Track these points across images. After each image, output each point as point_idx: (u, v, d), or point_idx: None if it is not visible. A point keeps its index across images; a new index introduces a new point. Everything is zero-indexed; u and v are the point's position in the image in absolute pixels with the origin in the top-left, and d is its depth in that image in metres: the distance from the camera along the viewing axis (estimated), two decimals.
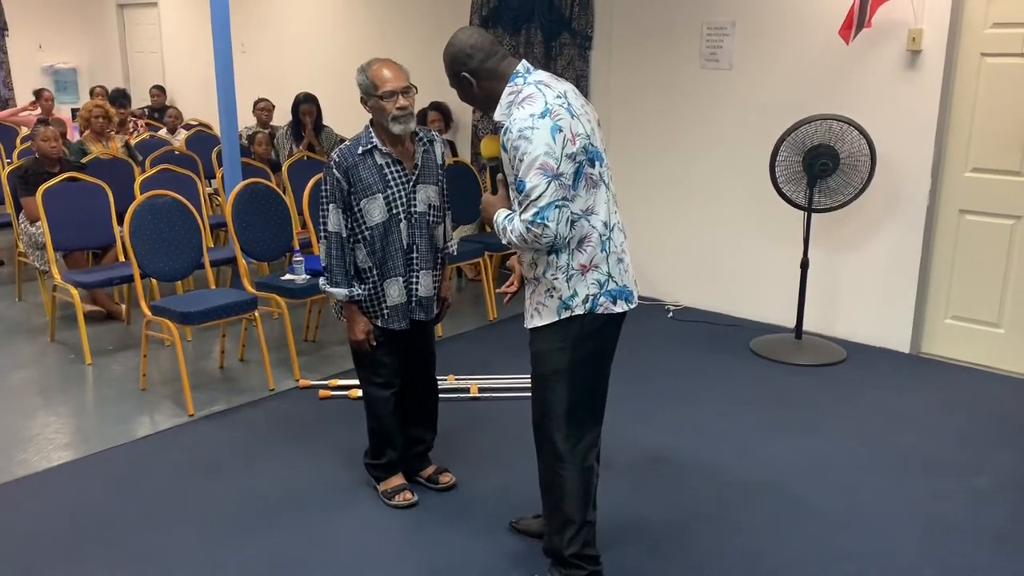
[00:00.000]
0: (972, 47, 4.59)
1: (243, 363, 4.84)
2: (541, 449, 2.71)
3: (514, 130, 2.44)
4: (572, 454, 2.63)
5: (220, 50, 5.54)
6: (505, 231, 2.52)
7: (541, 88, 2.49)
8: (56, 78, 10.73)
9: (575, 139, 2.44)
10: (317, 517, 3.24)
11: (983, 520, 3.24)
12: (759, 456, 3.74)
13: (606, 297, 2.56)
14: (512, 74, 2.55)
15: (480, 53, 2.56)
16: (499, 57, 2.58)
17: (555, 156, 2.40)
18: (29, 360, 4.89)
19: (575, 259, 2.52)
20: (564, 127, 2.43)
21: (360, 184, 3.08)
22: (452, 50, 2.61)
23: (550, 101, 2.45)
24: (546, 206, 2.39)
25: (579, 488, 2.64)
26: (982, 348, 4.78)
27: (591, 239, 2.51)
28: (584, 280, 2.53)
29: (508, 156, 2.48)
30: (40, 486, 3.50)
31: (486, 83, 2.58)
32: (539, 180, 2.39)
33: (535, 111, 2.43)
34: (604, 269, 2.55)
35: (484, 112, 2.63)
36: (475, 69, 2.56)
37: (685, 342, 5.18)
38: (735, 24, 5.33)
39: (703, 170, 5.62)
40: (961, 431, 4.00)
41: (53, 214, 5.09)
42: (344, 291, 3.14)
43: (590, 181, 2.50)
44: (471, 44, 2.57)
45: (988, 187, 4.66)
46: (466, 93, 2.64)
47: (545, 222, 2.40)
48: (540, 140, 2.39)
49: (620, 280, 2.58)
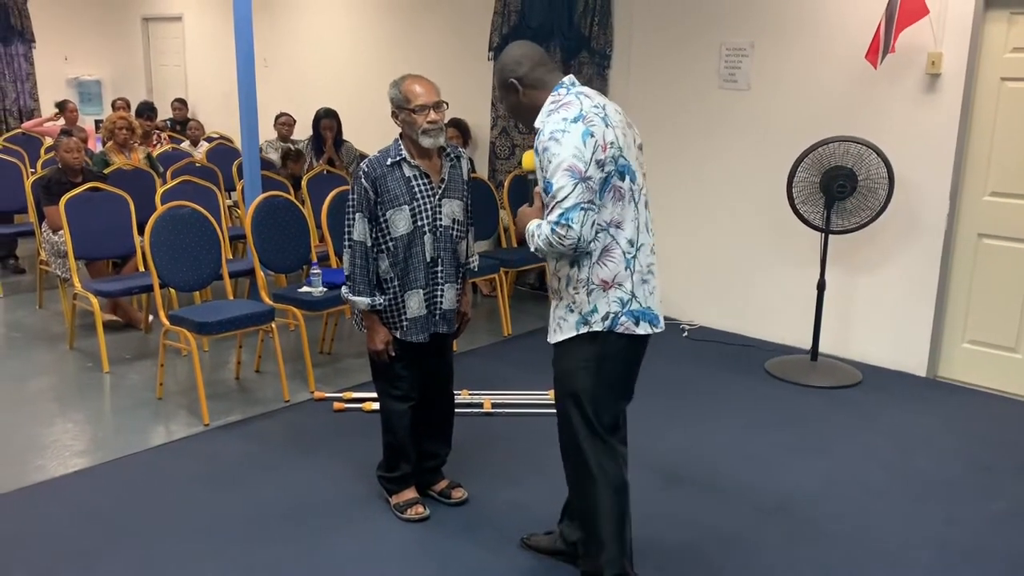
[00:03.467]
0: (992, 71, 4.59)
1: (259, 374, 4.87)
2: (571, 472, 2.69)
3: (546, 132, 2.47)
4: (603, 473, 2.61)
5: (243, 64, 5.62)
6: (533, 237, 2.52)
7: (580, 97, 2.53)
8: (80, 90, 10.89)
9: (606, 147, 2.46)
10: (328, 528, 3.25)
11: (998, 546, 3.20)
12: (772, 477, 3.72)
13: (628, 317, 2.54)
14: (556, 85, 2.59)
15: (529, 62, 2.61)
16: (547, 69, 2.63)
17: (584, 160, 2.41)
18: (48, 367, 4.94)
19: (595, 273, 2.51)
20: (596, 133, 2.45)
21: (387, 195, 3.11)
22: (504, 59, 2.66)
23: (586, 108, 2.48)
24: (572, 207, 2.40)
25: (613, 509, 2.62)
26: (999, 373, 4.75)
27: (613, 254, 2.51)
28: (606, 296, 2.52)
29: (539, 159, 2.50)
30: (56, 492, 3.53)
31: (531, 92, 2.61)
32: (566, 181, 2.40)
33: (568, 115, 2.46)
34: (627, 287, 2.53)
35: (527, 125, 2.66)
36: (522, 76, 2.60)
37: (700, 362, 5.17)
38: (754, 45, 5.35)
39: (720, 190, 5.62)
40: (977, 456, 3.97)
41: (75, 223, 5.15)
42: (366, 300, 3.16)
43: (618, 194, 2.50)
44: (522, 53, 2.63)
45: (1007, 211, 4.64)
46: (511, 102, 2.68)
47: (569, 223, 2.40)
48: (569, 143, 2.42)
49: (644, 301, 2.56)
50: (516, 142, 6.70)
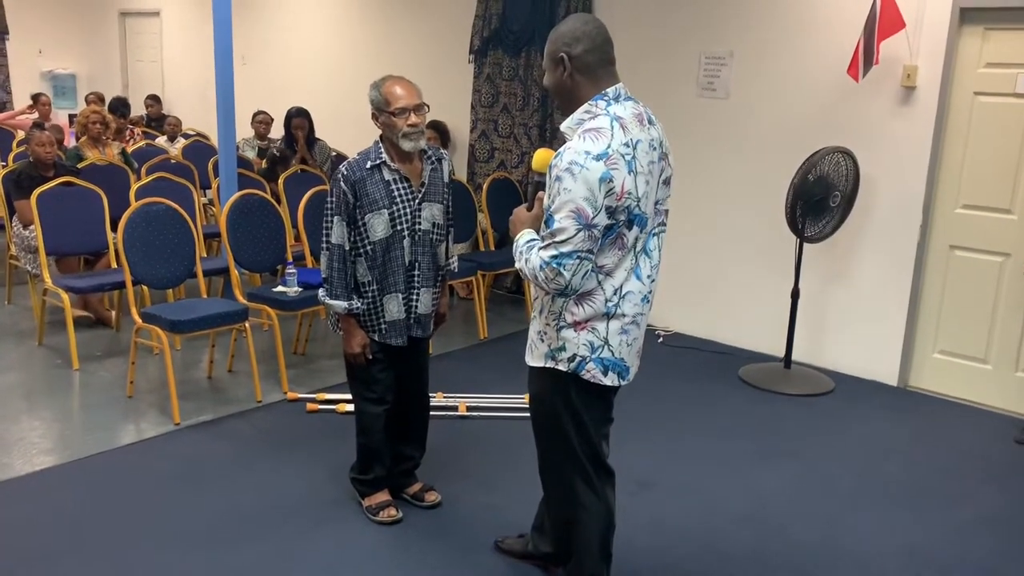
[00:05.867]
0: (966, 85, 4.65)
1: (231, 374, 4.82)
2: (552, 494, 2.67)
3: (564, 160, 2.26)
4: (590, 495, 2.54)
5: (221, 61, 5.57)
6: (521, 256, 2.38)
7: (614, 126, 2.30)
8: (55, 83, 10.75)
9: (622, 196, 2.27)
10: (300, 530, 3.22)
11: (966, 553, 3.24)
12: (744, 484, 3.74)
13: (596, 364, 2.41)
14: (601, 92, 2.38)
15: (587, 42, 2.37)
16: (602, 59, 2.40)
17: (594, 205, 2.23)
18: (16, 364, 4.87)
19: (569, 310, 2.39)
20: (616, 179, 2.25)
21: (366, 198, 3.08)
22: (562, 29, 2.42)
23: (614, 146, 2.27)
24: (568, 253, 2.25)
25: (599, 529, 2.58)
26: (969, 384, 4.80)
27: (594, 297, 2.37)
28: (577, 337, 2.39)
29: (550, 180, 2.31)
30: (22, 491, 3.47)
31: (578, 76, 2.38)
32: (569, 224, 2.24)
33: (593, 150, 2.24)
34: (601, 333, 2.39)
35: (561, 108, 2.48)
36: (574, 55, 2.36)
37: (674, 368, 5.19)
38: (733, 54, 5.39)
39: (696, 197, 5.65)
40: (946, 465, 4.01)
41: (47, 218, 5.08)
42: (343, 304, 3.14)
43: (621, 242, 2.34)
44: (583, 31, 2.38)
45: (978, 224, 4.70)
46: (555, 78, 2.43)
47: (561, 269, 2.26)
48: (584, 183, 2.22)
49: (618, 352, 2.42)
50: (495, 145, 6.70)
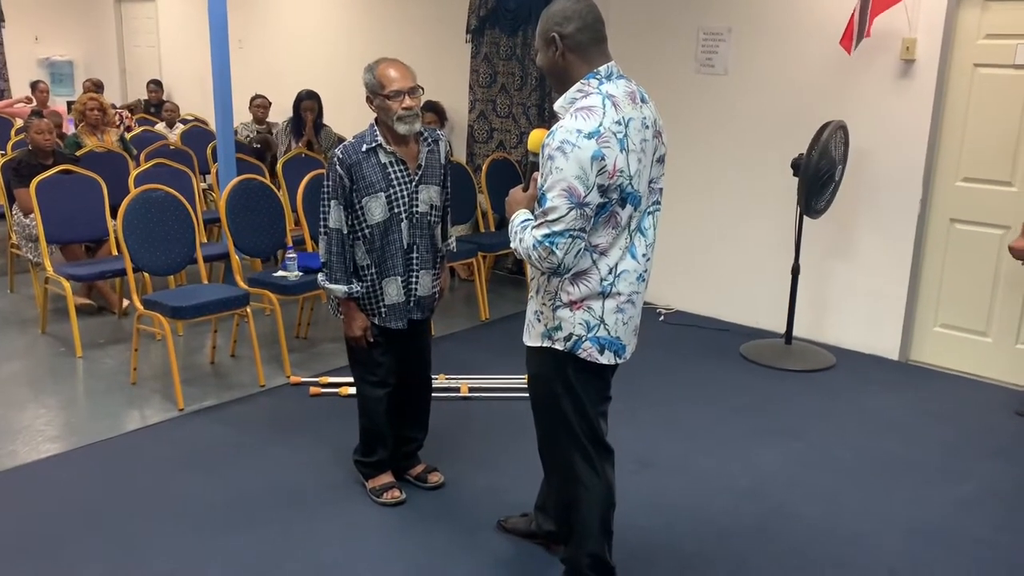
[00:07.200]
0: (965, 58, 4.62)
1: (234, 359, 4.84)
2: (554, 474, 2.69)
3: (556, 138, 2.25)
4: (590, 473, 2.56)
5: (217, 46, 5.55)
6: (516, 236, 2.38)
7: (606, 104, 2.29)
8: (52, 70, 10.71)
9: (614, 173, 2.26)
10: (304, 513, 3.25)
11: (966, 527, 3.26)
12: (745, 461, 3.76)
13: (592, 343, 2.42)
14: (593, 70, 2.36)
15: (578, 21, 2.35)
16: (594, 39, 2.38)
17: (586, 183, 2.23)
18: (19, 352, 4.89)
19: (565, 290, 2.39)
20: (608, 157, 2.24)
21: (363, 182, 3.08)
22: (553, 8, 2.40)
23: (606, 124, 2.25)
24: (560, 232, 2.25)
25: (600, 507, 2.59)
26: (970, 357, 4.81)
27: (589, 276, 2.37)
28: (572, 316, 2.40)
29: (543, 159, 2.31)
30: (28, 478, 3.50)
31: (570, 55, 2.37)
32: (561, 202, 2.23)
33: (584, 128, 2.24)
34: (597, 312, 2.40)
35: (555, 88, 2.47)
36: (565, 34, 2.35)
37: (675, 345, 5.20)
38: (731, 30, 5.36)
39: (696, 174, 5.64)
40: (947, 439, 4.02)
41: (46, 206, 5.08)
42: (343, 288, 3.14)
43: (614, 220, 2.34)
44: (573, 9, 2.36)
45: (978, 197, 4.69)
46: (547, 58, 2.42)
47: (553, 248, 2.26)
48: (576, 161, 2.22)
49: (614, 330, 2.42)
50: (494, 125, 6.68)
